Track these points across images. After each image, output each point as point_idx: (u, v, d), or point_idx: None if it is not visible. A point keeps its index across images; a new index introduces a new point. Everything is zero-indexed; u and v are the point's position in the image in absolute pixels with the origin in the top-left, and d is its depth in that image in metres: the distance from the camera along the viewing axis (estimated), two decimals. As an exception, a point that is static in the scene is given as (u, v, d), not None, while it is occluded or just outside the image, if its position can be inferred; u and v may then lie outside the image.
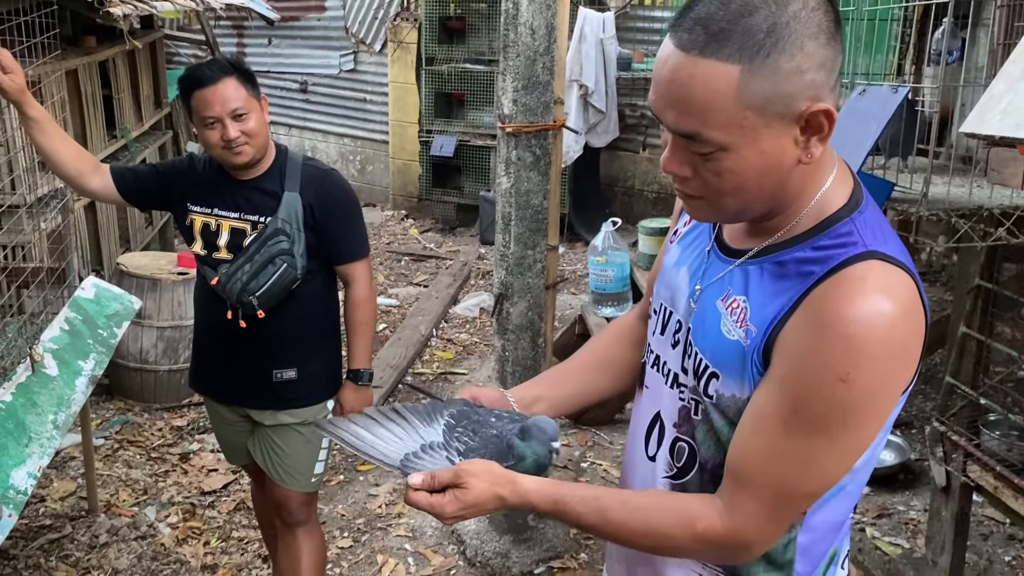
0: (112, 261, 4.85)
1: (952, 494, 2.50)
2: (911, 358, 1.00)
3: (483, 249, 6.95)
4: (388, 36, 7.84)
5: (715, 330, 1.09)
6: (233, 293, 2.25)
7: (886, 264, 0.98)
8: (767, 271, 1.05)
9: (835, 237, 1.01)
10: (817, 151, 0.98)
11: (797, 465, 1.01)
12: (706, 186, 1.01)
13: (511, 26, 2.72)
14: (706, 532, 1.07)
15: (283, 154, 2.33)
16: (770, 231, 1.07)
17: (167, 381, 4.34)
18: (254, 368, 2.36)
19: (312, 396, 2.41)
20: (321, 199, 2.27)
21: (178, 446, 4.01)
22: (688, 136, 0.97)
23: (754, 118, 0.94)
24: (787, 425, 1.00)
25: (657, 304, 1.23)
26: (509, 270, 2.92)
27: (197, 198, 2.32)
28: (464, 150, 7.38)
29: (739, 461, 1.06)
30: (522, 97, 2.76)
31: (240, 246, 2.26)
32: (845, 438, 1.00)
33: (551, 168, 2.88)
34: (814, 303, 0.98)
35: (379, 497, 3.58)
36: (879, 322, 0.95)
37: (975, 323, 2.39)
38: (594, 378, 1.37)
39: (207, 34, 7.68)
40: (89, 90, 4.83)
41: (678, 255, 1.22)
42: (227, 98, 2.12)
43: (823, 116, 0.96)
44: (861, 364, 0.95)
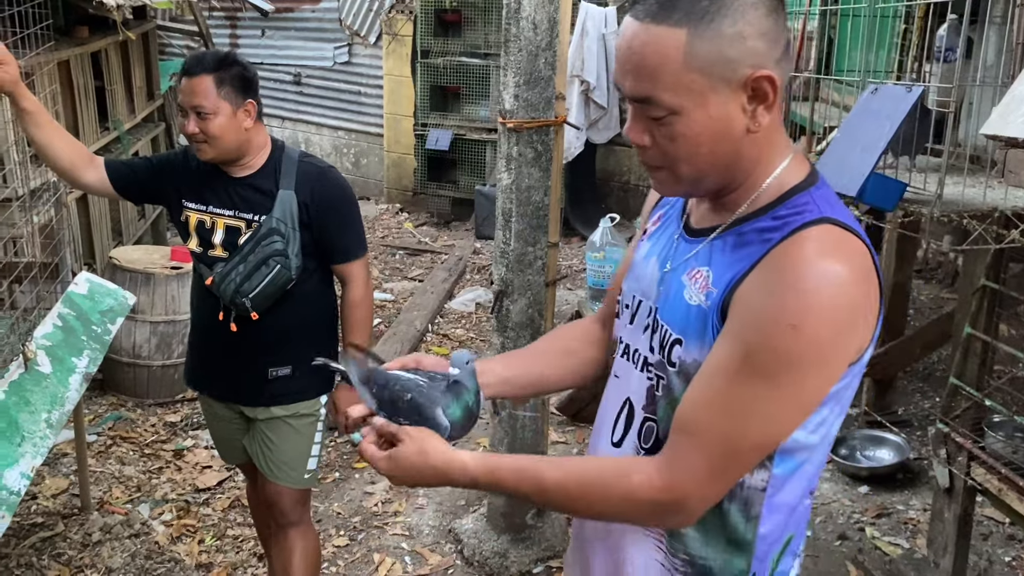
0: (104, 255, 4.79)
1: (955, 495, 2.48)
2: (863, 320, 1.04)
3: (479, 243, 6.92)
4: (383, 28, 7.78)
5: (679, 299, 1.14)
6: (227, 294, 2.22)
7: (841, 229, 1.04)
8: (729, 242, 1.11)
9: (792, 207, 1.07)
10: (764, 119, 1.05)
11: (743, 414, 1.03)
12: (663, 154, 1.07)
13: (513, 20, 2.69)
14: (640, 486, 1.08)
15: (279, 150, 2.28)
16: (731, 208, 1.12)
17: (160, 376, 4.30)
18: (249, 366, 2.33)
19: (306, 391, 2.38)
20: (317, 197, 2.23)
21: (172, 442, 3.97)
22: (643, 100, 1.05)
23: (701, 80, 1.02)
24: (736, 374, 1.02)
25: (629, 299, 1.27)
26: (509, 267, 2.89)
27: (192, 194, 2.28)
28: (460, 144, 7.34)
29: (685, 411, 1.08)
30: (523, 92, 2.72)
31: (235, 244, 2.23)
32: (792, 387, 1.02)
33: (552, 164, 2.84)
34: (770, 261, 1.03)
35: (375, 495, 3.55)
36: (832, 278, 0.99)
37: (980, 323, 2.37)
38: (551, 367, 1.40)
39: (200, 25, 7.60)
40: (81, 81, 4.77)
41: (647, 249, 1.27)
42: (194, 93, 2.11)
43: (767, 83, 1.02)
44: (812, 313, 0.98)
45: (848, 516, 3.33)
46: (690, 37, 1.01)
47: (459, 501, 3.49)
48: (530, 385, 1.41)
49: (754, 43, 1.02)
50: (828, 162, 1.77)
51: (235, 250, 2.22)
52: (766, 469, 1.11)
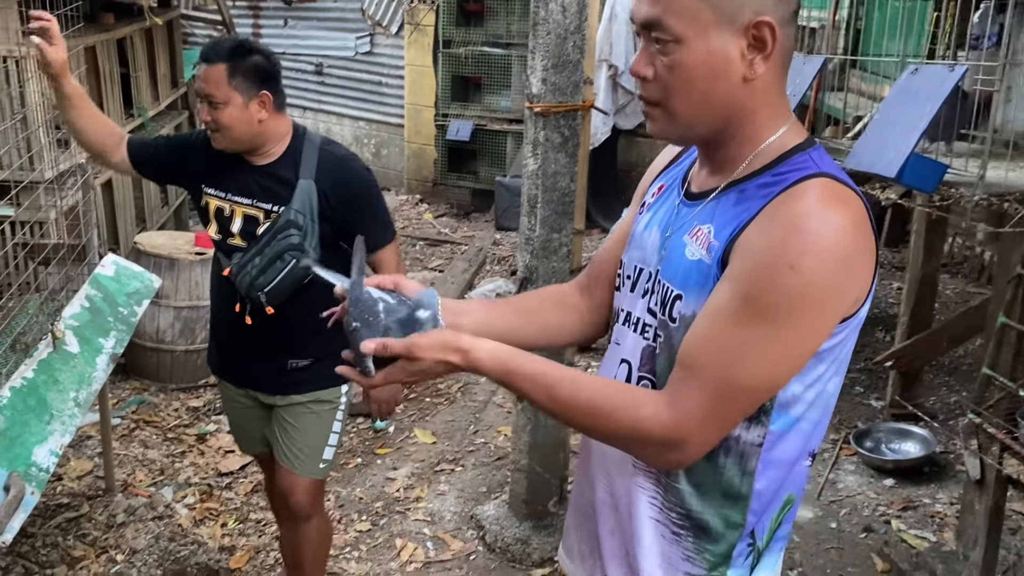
0: (128, 240, 4.82)
1: (987, 487, 2.44)
2: (861, 268, 1.07)
3: (499, 234, 6.90)
4: (405, 18, 7.76)
5: (680, 256, 1.16)
6: (243, 286, 2.18)
7: (838, 183, 1.08)
8: (731, 199, 1.14)
9: (792, 165, 1.11)
10: (760, 69, 1.09)
11: (740, 352, 1.05)
12: (662, 87, 1.12)
13: (542, 3, 2.67)
14: (648, 419, 1.09)
15: (300, 138, 2.23)
16: (729, 168, 1.15)
17: (184, 361, 4.32)
18: (267, 357, 2.30)
19: (327, 379, 2.32)
20: (337, 188, 2.17)
21: (194, 427, 3.99)
22: (653, 23, 1.10)
23: (707, 12, 1.07)
24: (736, 314, 1.05)
25: (630, 269, 1.28)
26: (534, 253, 2.87)
27: (211, 179, 2.24)
28: (480, 134, 7.32)
29: (686, 349, 1.10)
30: (551, 76, 2.70)
31: (253, 234, 2.19)
32: (789, 329, 1.04)
33: (579, 150, 2.82)
34: (771, 209, 1.07)
35: (397, 481, 3.55)
36: (831, 223, 1.03)
37: (1015, 313, 2.33)
38: (520, 323, 1.40)
39: (223, 13, 7.62)
40: (107, 67, 4.79)
41: (648, 219, 1.28)
42: (207, 81, 2.08)
43: (767, 31, 1.07)
44: (810, 254, 1.02)
45: (873, 509, 3.30)
46: None
47: (481, 488, 3.48)
48: (503, 336, 1.35)
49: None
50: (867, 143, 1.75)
51: (253, 240, 2.18)
52: (762, 425, 1.13)
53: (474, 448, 3.81)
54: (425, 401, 4.27)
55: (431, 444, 3.85)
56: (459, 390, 4.36)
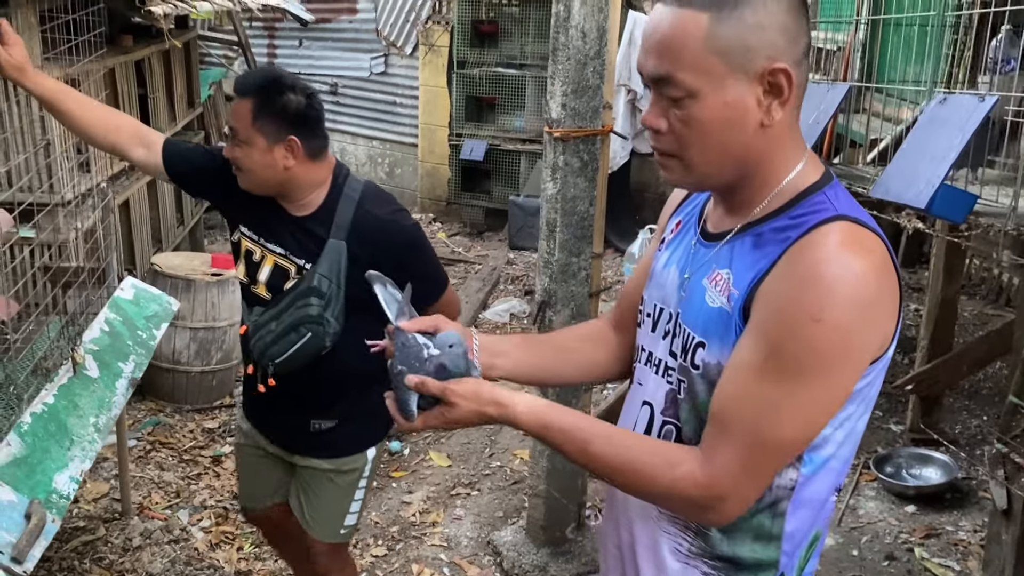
0: (144, 261, 4.83)
1: (1014, 517, 2.41)
2: (885, 313, 1.05)
3: (512, 254, 6.90)
4: (419, 39, 7.81)
5: (700, 302, 1.15)
6: (256, 351, 2.04)
7: (857, 225, 1.06)
8: (747, 243, 1.12)
9: (809, 207, 1.09)
10: (777, 115, 1.07)
11: (771, 409, 1.04)
12: (677, 139, 1.10)
13: (562, 29, 2.67)
14: (684, 477, 1.09)
15: (338, 189, 2.02)
16: (746, 209, 1.14)
17: (199, 382, 4.32)
18: (290, 417, 2.16)
19: (352, 445, 2.18)
20: (375, 253, 1.92)
21: (210, 448, 3.99)
22: (663, 79, 1.07)
23: (719, 65, 1.05)
24: (763, 370, 1.04)
25: (650, 307, 1.28)
26: (553, 277, 2.86)
27: (248, 219, 2.08)
28: (494, 154, 7.34)
29: (717, 407, 1.10)
30: (571, 101, 2.70)
31: (280, 288, 2.02)
32: (819, 381, 1.04)
33: (598, 174, 2.82)
34: (790, 257, 1.05)
35: (413, 505, 3.53)
36: (852, 269, 1.01)
37: (1041, 341, 2.31)
38: (558, 360, 1.41)
39: (239, 35, 7.69)
40: (126, 89, 4.83)
41: (667, 257, 1.28)
42: (233, 115, 1.93)
43: (783, 77, 1.05)
44: (834, 303, 1.00)
45: (895, 536, 3.26)
46: (712, 20, 1.04)
47: (497, 513, 3.46)
48: (537, 375, 1.42)
49: (774, 35, 1.05)
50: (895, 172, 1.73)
51: (278, 294, 2.02)
52: (795, 468, 1.13)
53: (490, 472, 3.79)
54: (440, 423, 4.26)
55: (447, 467, 3.83)
56: (474, 412, 4.34)
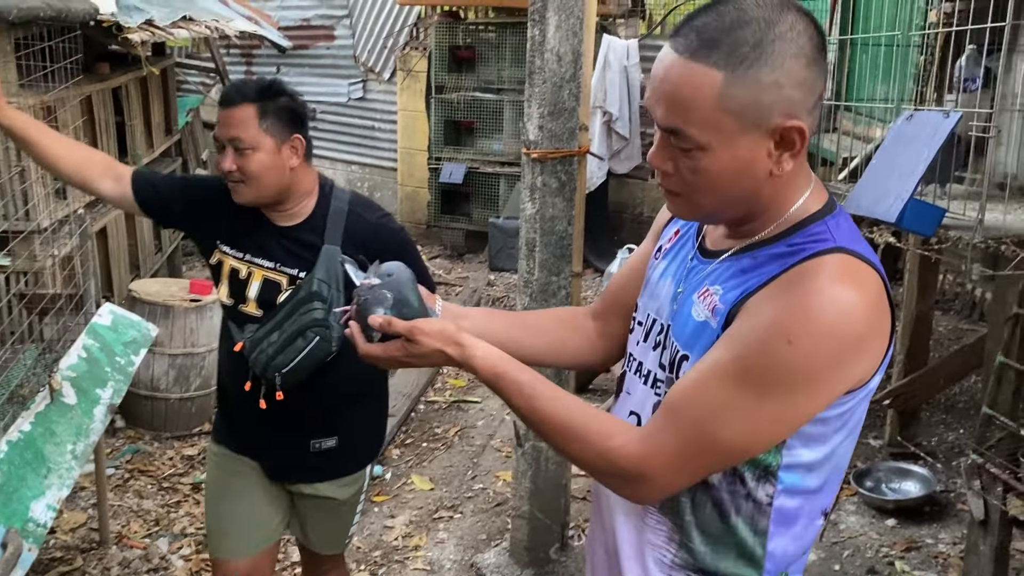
0: (122, 287, 4.81)
1: (991, 528, 2.44)
2: (868, 349, 1.04)
3: (492, 275, 6.92)
4: (397, 64, 7.86)
5: (687, 316, 1.16)
6: (258, 365, 1.96)
7: (855, 259, 1.05)
8: (742, 264, 1.12)
9: (808, 236, 1.08)
10: (788, 166, 1.07)
11: (723, 411, 1.05)
12: (684, 183, 1.09)
13: (537, 53, 2.71)
14: (618, 449, 1.10)
15: (326, 198, 2.03)
16: (747, 235, 1.14)
17: (178, 409, 4.28)
18: (287, 439, 2.07)
19: (354, 462, 2.15)
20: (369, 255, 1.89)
21: (189, 476, 3.95)
22: (672, 131, 1.06)
23: (731, 123, 1.03)
24: (726, 372, 1.05)
25: (643, 316, 1.29)
26: (533, 296, 2.88)
27: (229, 236, 2.03)
28: (473, 177, 7.38)
29: (671, 396, 1.11)
30: (548, 123, 2.73)
31: (272, 303, 1.97)
32: (776, 400, 1.03)
33: (576, 194, 2.85)
34: (782, 282, 1.05)
35: (395, 529, 3.51)
36: (840, 304, 1.01)
37: (1013, 352, 2.35)
38: (524, 336, 1.41)
39: (217, 62, 7.71)
40: (103, 116, 4.82)
41: (663, 268, 1.28)
42: (232, 124, 1.88)
43: (796, 133, 1.04)
44: (811, 332, 1.00)
45: (876, 550, 3.28)
46: (727, 80, 1.02)
47: (480, 535, 3.45)
48: (504, 345, 1.36)
49: (790, 92, 1.03)
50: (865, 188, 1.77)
51: (270, 310, 1.97)
52: (770, 483, 1.13)
53: (473, 494, 3.78)
54: (422, 446, 4.25)
55: (429, 491, 3.82)
56: (456, 434, 4.34)
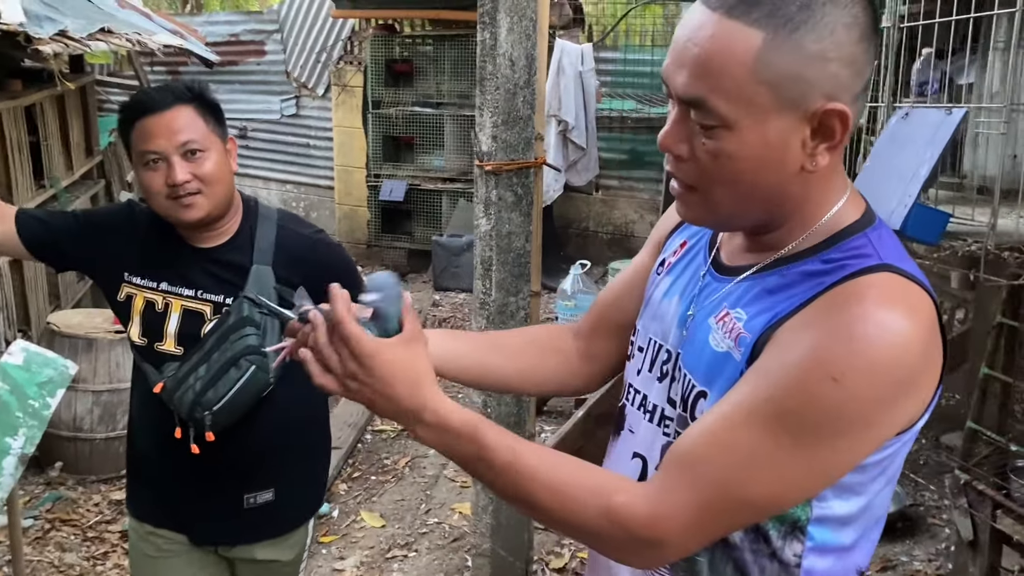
0: (41, 321, 4.46)
1: (981, 548, 2.32)
2: (922, 384, 0.89)
3: (437, 295, 6.71)
4: (332, 80, 7.63)
5: (703, 344, 0.99)
6: (183, 406, 1.70)
7: (904, 278, 0.89)
8: (769, 284, 0.96)
9: (847, 250, 0.93)
10: (823, 161, 0.91)
11: (751, 461, 0.87)
12: (700, 171, 0.93)
13: (488, 58, 2.53)
14: (621, 508, 0.91)
15: (253, 212, 1.81)
16: (772, 248, 0.98)
17: (104, 450, 3.96)
18: (219, 494, 1.83)
19: (294, 518, 1.92)
20: (309, 277, 1.66)
21: (118, 523, 3.63)
22: (694, 102, 0.90)
23: (766, 96, 0.87)
24: (756, 415, 0.87)
25: (644, 340, 1.12)
26: (490, 318, 2.69)
27: (138, 266, 1.78)
28: (415, 194, 7.18)
29: (686, 442, 0.92)
30: (502, 133, 2.55)
31: (195, 337, 1.74)
32: (816, 449, 0.87)
33: (532, 208, 2.67)
34: (821, 306, 0.88)
35: (346, 572, 3.27)
36: (892, 333, 0.85)
37: (998, 363, 2.24)
38: (495, 360, 1.24)
39: (140, 78, 7.35)
40: (15, 136, 4.49)
41: (668, 285, 1.11)
42: (177, 129, 1.65)
43: (837, 120, 0.88)
44: (860, 368, 0.84)
45: (851, 570, 3.16)
46: (767, 42, 0.86)
47: (438, 573, 3.23)
48: (469, 370, 1.22)
49: (837, 69, 0.87)
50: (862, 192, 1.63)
51: (194, 345, 1.72)
52: (798, 540, 0.96)
53: (427, 530, 3.56)
54: (371, 480, 4.01)
55: (380, 528, 3.58)
56: (407, 465, 4.11)
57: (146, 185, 1.69)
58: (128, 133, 1.70)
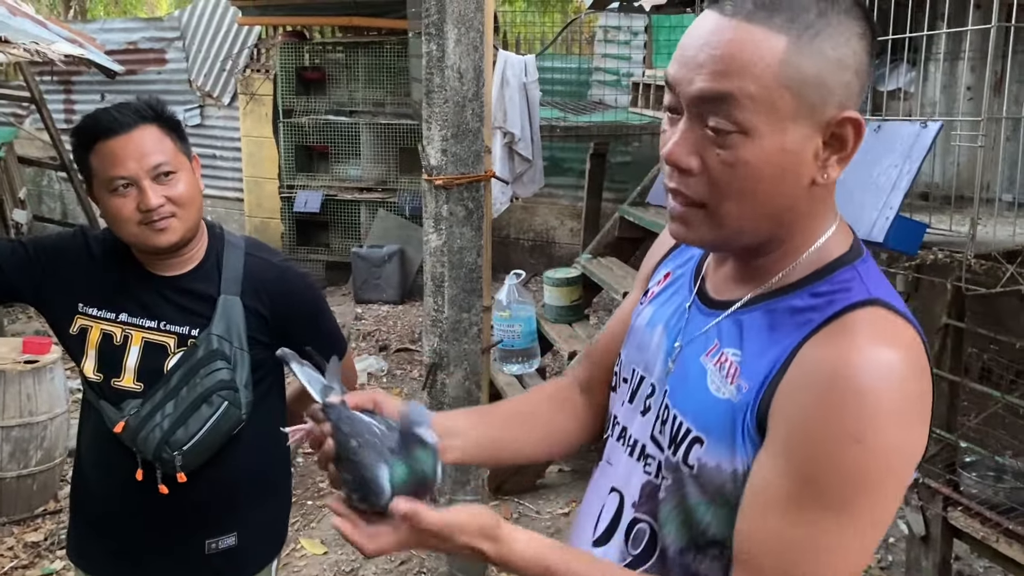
0: (-64, 351, 4.13)
1: (933, 543, 2.40)
2: (924, 418, 0.88)
3: (359, 308, 6.57)
4: (238, 88, 7.38)
5: (700, 388, 0.95)
6: (149, 446, 1.58)
7: (892, 314, 0.88)
8: (758, 321, 0.94)
9: (836, 284, 0.91)
10: (834, 173, 0.89)
11: (816, 549, 0.85)
12: (712, 185, 0.89)
13: (436, 70, 2.47)
14: None
15: (219, 239, 1.71)
16: (760, 277, 0.96)
17: (16, 489, 3.69)
18: (178, 541, 1.71)
19: (256, 561, 1.80)
20: (279, 309, 1.68)
21: (36, 566, 3.39)
22: (712, 100, 0.86)
23: (788, 102, 0.85)
24: (799, 502, 0.85)
25: (628, 371, 1.09)
26: (443, 336, 2.62)
27: (95, 297, 1.66)
28: (331, 205, 7.01)
29: (749, 548, 0.89)
30: (451, 147, 2.50)
31: (158, 372, 1.62)
32: (865, 510, 0.85)
33: (483, 222, 2.62)
34: (813, 353, 0.87)
35: (292, 603, 3.14)
36: (891, 374, 0.84)
37: (945, 363, 2.32)
38: (518, 433, 1.20)
39: (31, 89, 6.94)
40: (-100, 154, 4.15)
41: (651, 314, 1.08)
42: (146, 151, 1.54)
43: (851, 128, 0.87)
44: (877, 423, 0.83)
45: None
46: (790, 47, 0.84)
47: (390, 601, 3.13)
48: (499, 454, 1.19)
49: (851, 77, 0.87)
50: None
51: (157, 380, 1.61)
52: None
53: (373, 553, 3.45)
54: (307, 505, 3.86)
55: (322, 555, 3.46)
56: (345, 486, 3.98)
57: (114, 212, 1.56)
58: (86, 158, 1.57)
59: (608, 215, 5.20)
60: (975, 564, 3.16)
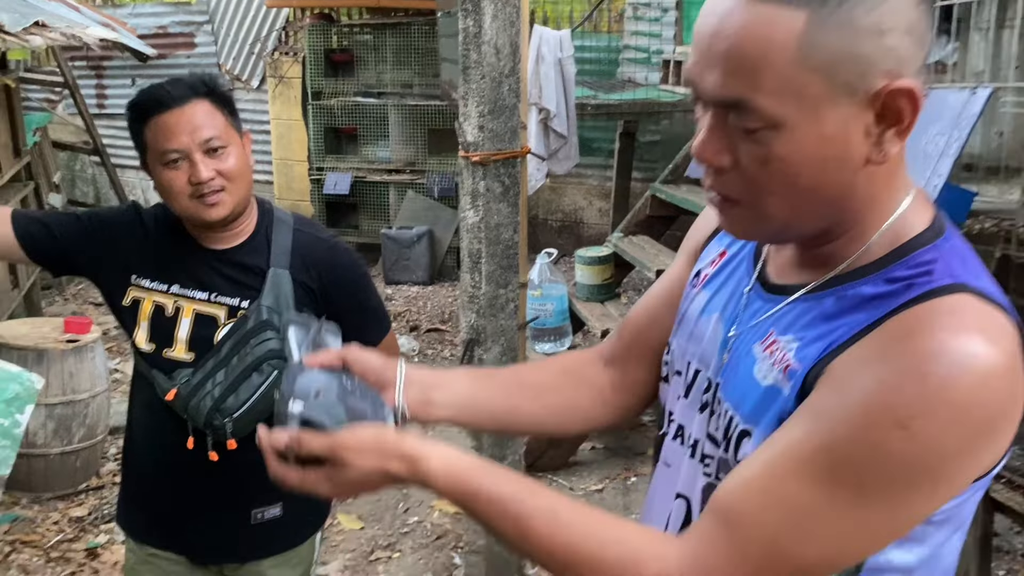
0: (-21, 332, 4.22)
1: (976, 519, 2.39)
2: (1006, 424, 0.76)
3: (389, 289, 6.60)
4: (267, 71, 7.42)
5: (747, 377, 0.87)
6: (200, 414, 1.62)
7: (980, 300, 0.76)
8: (824, 307, 0.83)
9: (914, 267, 0.80)
10: (893, 148, 0.78)
11: (803, 518, 0.76)
12: (747, 182, 0.80)
13: (472, 46, 2.47)
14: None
15: (268, 215, 1.74)
16: (829, 263, 0.85)
17: (60, 465, 3.77)
18: (227, 508, 1.75)
19: (301, 532, 1.83)
20: (324, 279, 1.70)
21: (81, 540, 3.47)
22: (732, 104, 0.77)
23: (817, 85, 0.75)
24: (810, 465, 0.76)
25: (682, 364, 1.01)
26: (481, 312, 2.64)
27: (148, 268, 1.69)
28: (360, 187, 7.04)
29: (729, 497, 0.80)
30: (488, 123, 2.50)
31: (208, 342, 1.65)
32: (880, 504, 0.75)
33: (520, 198, 2.63)
34: (884, 336, 0.76)
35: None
36: (970, 367, 0.73)
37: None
38: (522, 400, 1.11)
39: (65, 75, 7.02)
40: (-58, 138, 4.23)
41: (705, 301, 0.99)
42: (198, 125, 1.57)
43: (905, 99, 0.76)
44: (933, 412, 0.72)
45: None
46: (811, 22, 0.74)
47: (425, 574, 3.17)
48: (497, 417, 1.11)
49: (896, 40, 0.75)
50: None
51: (207, 351, 1.65)
52: None
53: (408, 529, 3.49)
54: (344, 480, 3.92)
55: (360, 530, 3.51)
56: (379, 464, 4.03)
57: (167, 185, 1.60)
58: (141, 131, 1.61)
59: (637, 195, 5.18)
60: (1014, 540, 3.15)
